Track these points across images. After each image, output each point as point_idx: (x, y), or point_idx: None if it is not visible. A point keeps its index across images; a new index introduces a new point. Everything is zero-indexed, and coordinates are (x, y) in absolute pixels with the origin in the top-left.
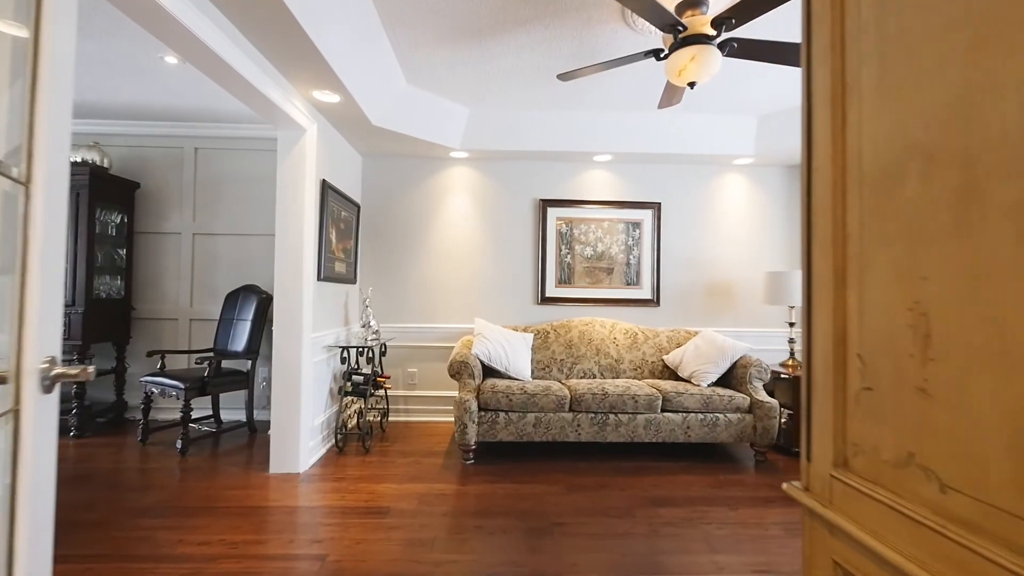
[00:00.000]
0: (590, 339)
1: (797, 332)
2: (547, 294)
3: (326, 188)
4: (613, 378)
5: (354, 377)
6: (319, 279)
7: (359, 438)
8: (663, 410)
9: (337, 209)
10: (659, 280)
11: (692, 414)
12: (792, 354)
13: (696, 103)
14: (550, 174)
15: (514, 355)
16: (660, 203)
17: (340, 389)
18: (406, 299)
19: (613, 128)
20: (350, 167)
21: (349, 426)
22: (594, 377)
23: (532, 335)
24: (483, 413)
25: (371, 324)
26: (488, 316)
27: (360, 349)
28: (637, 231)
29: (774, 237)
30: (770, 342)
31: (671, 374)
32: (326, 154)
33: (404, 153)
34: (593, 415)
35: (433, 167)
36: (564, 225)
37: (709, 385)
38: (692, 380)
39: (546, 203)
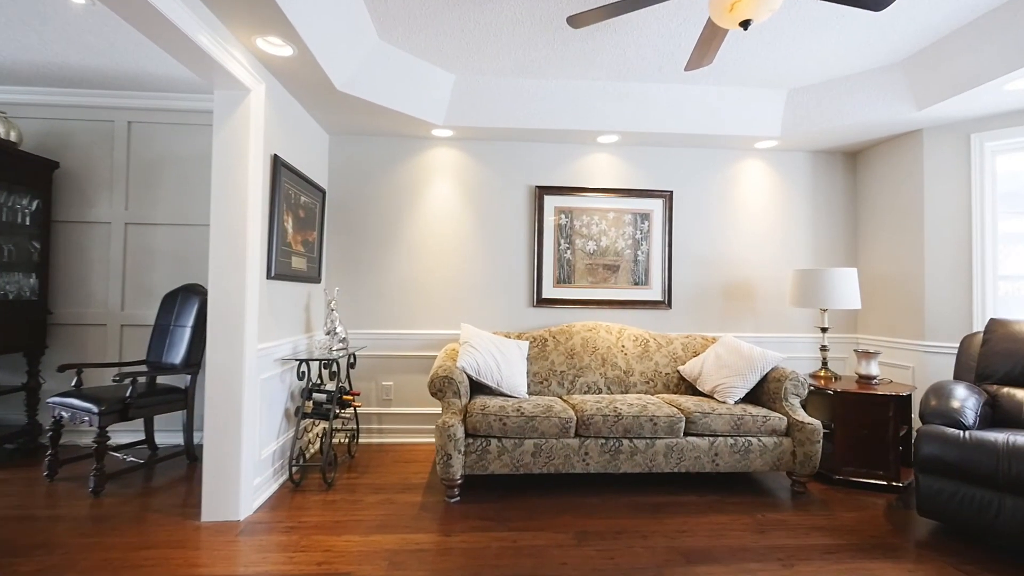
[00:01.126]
0: (595, 347)
1: (831, 338)
2: (544, 295)
3: (279, 165)
4: (622, 393)
5: (315, 395)
6: (270, 277)
7: (321, 469)
8: (686, 434)
9: (295, 193)
10: (671, 279)
11: (720, 438)
12: (825, 364)
13: (720, 72)
14: (548, 157)
15: (507, 367)
16: (672, 192)
17: (298, 410)
18: (381, 301)
19: (622, 102)
20: (313, 145)
21: (309, 454)
22: (600, 392)
23: (528, 343)
24: (471, 440)
25: (337, 331)
26: (476, 321)
27: (324, 362)
28: (646, 223)
29: (799, 232)
30: (796, 349)
31: (688, 387)
32: (280, 125)
33: (378, 130)
34: (604, 441)
35: (412, 148)
36: (563, 216)
37: (736, 402)
38: (715, 396)
39: (543, 191)
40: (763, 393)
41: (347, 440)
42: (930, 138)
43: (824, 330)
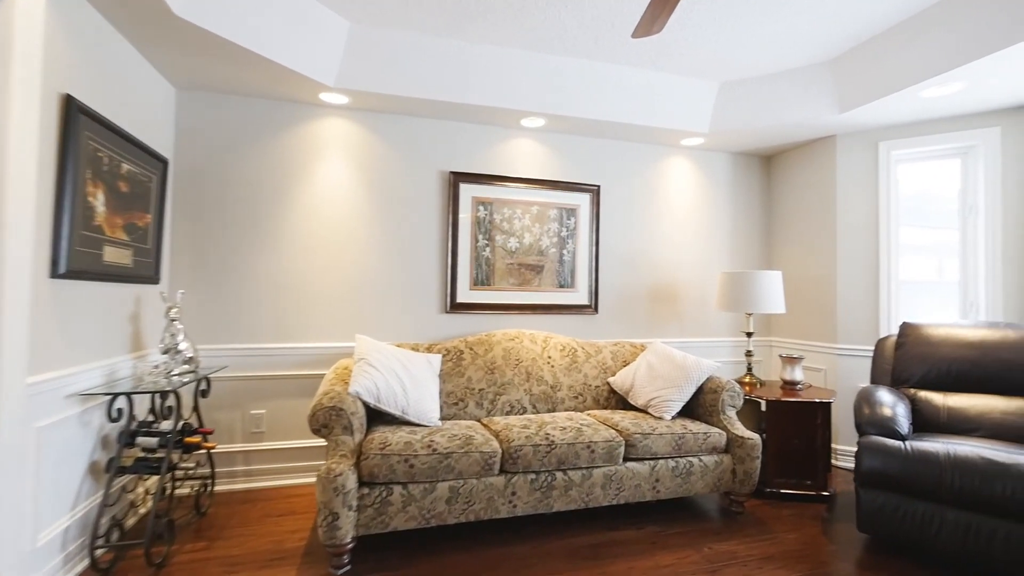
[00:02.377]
0: (518, 359)
1: (756, 343)
2: (459, 299)
3: (76, 112)
4: (549, 411)
5: (140, 440)
6: (57, 275)
7: (144, 544)
8: (626, 459)
9: (111, 158)
10: (598, 282)
11: (662, 461)
12: (750, 369)
13: (655, 54)
14: (465, 139)
15: (415, 389)
16: (599, 187)
17: (111, 464)
18: (250, 308)
19: (552, 81)
20: (149, 99)
21: (131, 523)
22: (525, 411)
23: (440, 357)
24: (367, 490)
25: (180, 348)
26: (377, 331)
27: (158, 393)
28: (572, 220)
29: (720, 234)
30: (718, 354)
31: (619, 401)
32: (83, 57)
33: (247, 88)
34: (534, 476)
35: (296, 116)
36: (482, 208)
37: (674, 417)
38: (650, 410)
39: (459, 178)
40: (698, 405)
41: (197, 492)
42: (843, 144)
43: (749, 335)
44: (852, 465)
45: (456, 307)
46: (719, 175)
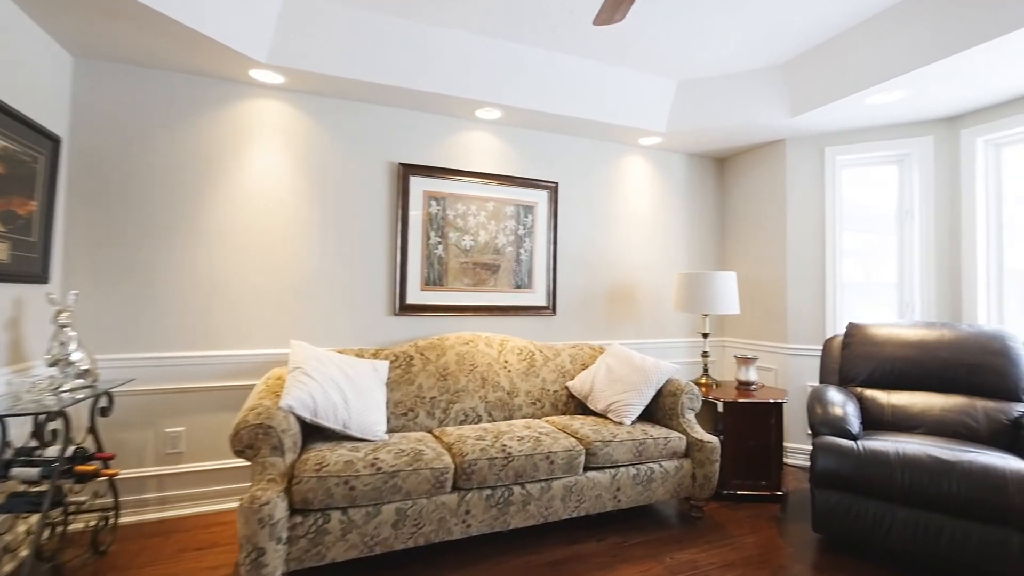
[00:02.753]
0: (473, 364)
1: (710, 343)
2: (409, 300)
3: None
4: (506, 419)
5: (15, 472)
6: None
7: None
8: (587, 468)
9: None
10: (556, 282)
11: (623, 469)
12: (706, 370)
13: (614, 47)
14: (416, 129)
15: (358, 400)
16: (557, 184)
17: None
18: (165, 311)
19: (508, 69)
20: (34, 65)
21: (7, 570)
22: (480, 420)
23: (388, 363)
24: (300, 519)
25: (72, 359)
26: (316, 336)
27: (41, 415)
28: (530, 218)
29: (676, 235)
30: (674, 355)
31: (578, 406)
32: None
33: (160, 59)
34: (490, 492)
35: (221, 94)
36: (434, 203)
37: (634, 422)
38: (609, 415)
39: (409, 170)
40: (658, 409)
41: (95, 527)
42: (792, 149)
43: (705, 335)
44: (802, 463)
45: (406, 309)
46: (676, 176)
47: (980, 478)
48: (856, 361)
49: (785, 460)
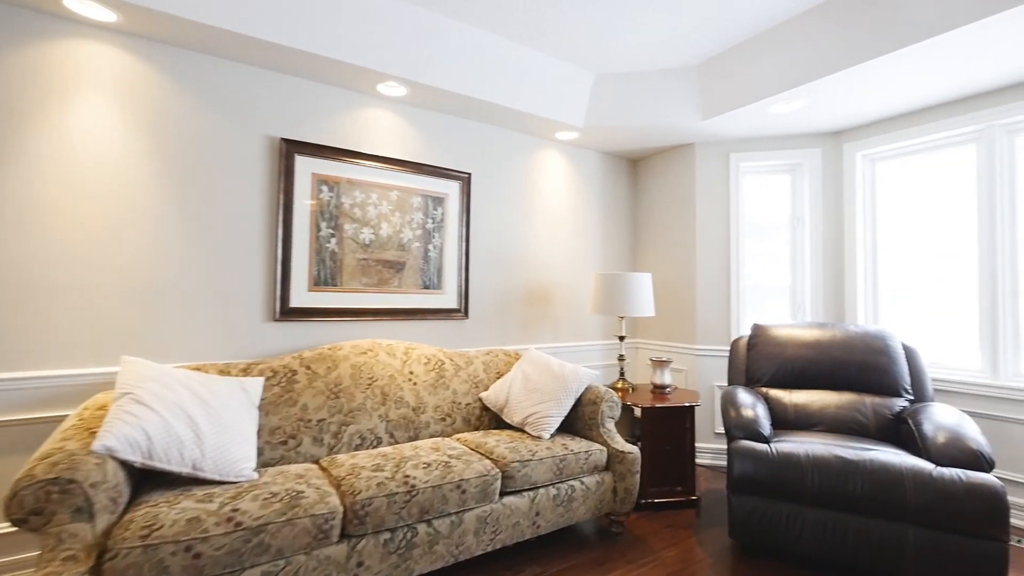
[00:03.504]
0: (372, 377)
1: (626, 345)
2: (293, 303)
3: None
4: (410, 439)
5: None
6: None
7: None
8: (503, 494)
9: None
10: (468, 282)
11: (542, 490)
12: (623, 374)
13: (534, 27)
14: (305, 100)
15: (217, 431)
16: (470, 175)
17: None
18: None
19: (417, 39)
20: None
21: None
22: (379, 443)
23: (262, 380)
24: None
25: None
26: (166, 349)
27: None
28: (440, 210)
29: (591, 235)
30: (589, 358)
31: (493, 419)
32: None
33: None
34: (389, 535)
35: (24, 27)
36: (326, 189)
37: (552, 435)
38: (527, 428)
39: (294, 147)
40: (577, 419)
41: None
42: (701, 153)
43: (622, 338)
44: (710, 463)
45: (289, 313)
46: (591, 174)
47: (880, 476)
48: (761, 362)
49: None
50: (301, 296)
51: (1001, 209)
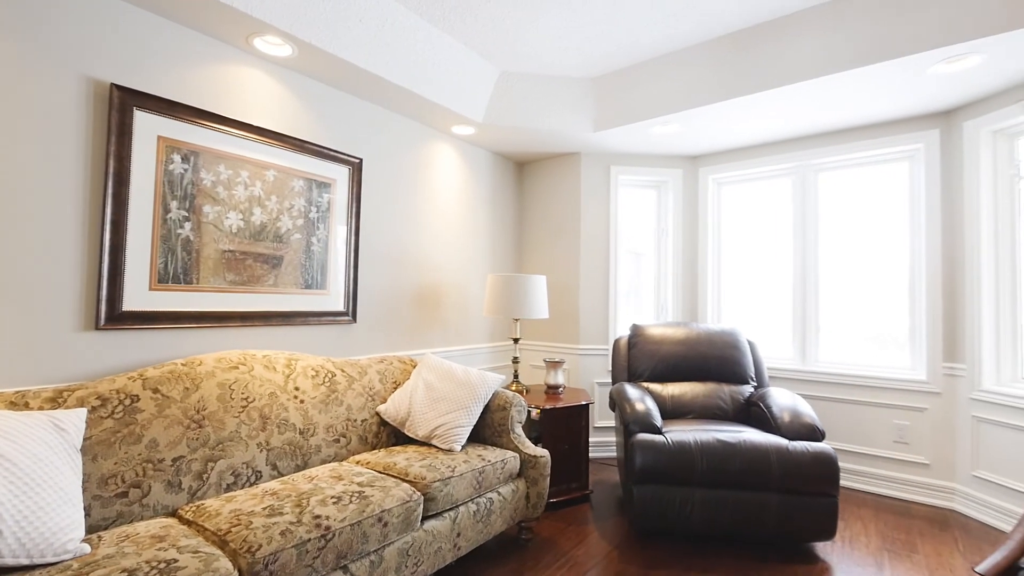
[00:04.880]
0: (247, 396)
1: (498, 346)
2: (127, 305)
3: None
4: (298, 468)
5: None
6: None
7: None
8: (425, 518)
9: None
10: (356, 282)
11: (463, 507)
12: (516, 376)
13: (448, 10)
14: (147, 38)
15: (15, 496)
16: (362, 161)
17: None
18: None
19: None
20: None
21: None
22: (259, 478)
23: (84, 412)
24: None
25: None
26: None
27: None
28: (325, 198)
29: (481, 235)
30: (478, 361)
31: (392, 434)
32: None
33: None
34: None
35: None
36: (179, 159)
37: (464, 447)
38: (434, 442)
39: (130, 98)
40: (485, 426)
41: None
42: (586, 162)
43: (516, 340)
44: (594, 455)
45: (120, 319)
46: (482, 174)
47: (753, 455)
48: (642, 359)
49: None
50: (139, 296)
51: (806, 231)
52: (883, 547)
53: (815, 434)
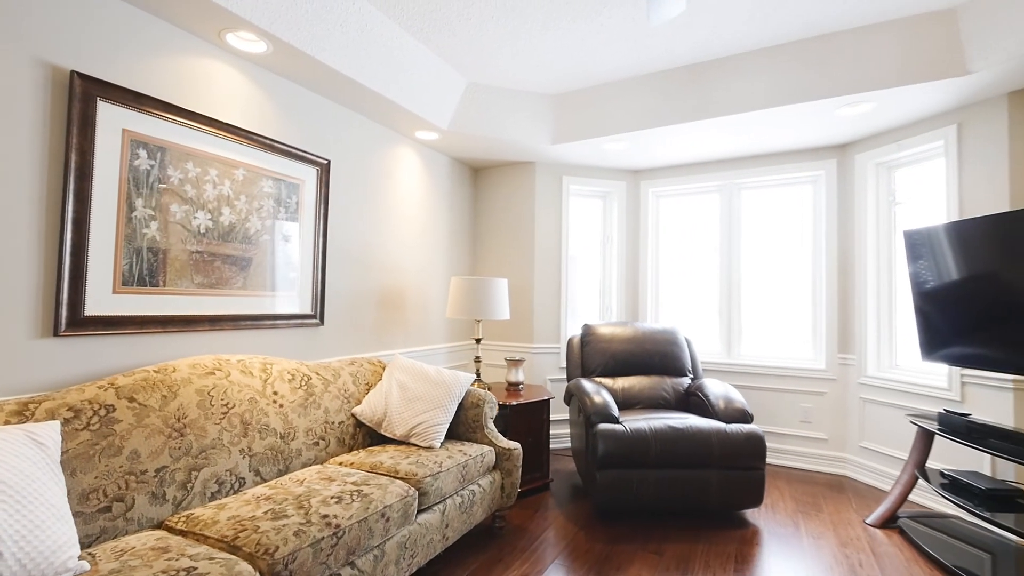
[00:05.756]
0: (227, 403)
1: (464, 347)
2: (90, 310)
3: None
4: (280, 472)
5: None
6: None
7: None
8: (419, 512)
9: None
10: (324, 284)
11: (450, 500)
12: (479, 375)
13: (423, 20)
14: (112, 24)
15: (9, 515)
16: (330, 163)
17: None
18: None
19: None
20: None
21: None
22: (242, 485)
23: (55, 425)
24: None
25: None
26: None
27: None
28: (294, 199)
29: (440, 238)
30: (438, 361)
31: (367, 435)
32: None
33: None
34: None
35: None
36: (145, 153)
37: (443, 443)
38: (413, 440)
39: (94, 87)
40: (459, 423)
41: None
42: (540, 171)
43: (479, 340)
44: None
45: (82, 324)
46: (441, 178)
47: (699, 438)
48: (594, 356)
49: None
50: (103, 300)
51: (731, 241)
52: (797, 510)
53: (746, 417)
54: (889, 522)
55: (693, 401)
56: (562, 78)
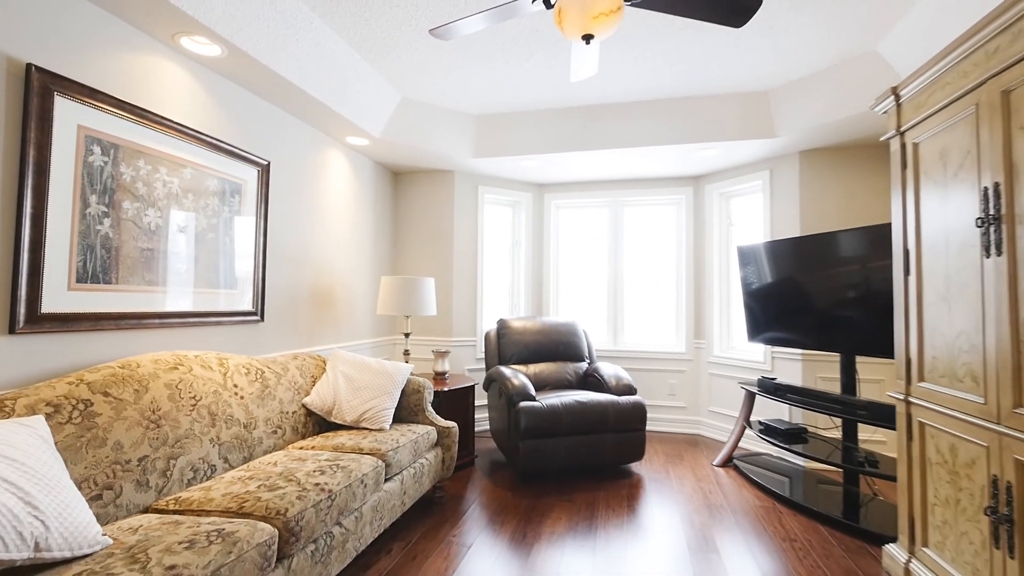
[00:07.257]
0: (195, 396)
1: (396, 341)
2: (46, 307)
3: None
4: (244, 460)
5: None
6: None
7: None
8: (385, 480)
9: None
10: (264, 282)
11: (407, 471)
12: None
13: (364, 37)
14: (69, 18)
15: (46, 493)
16: (269, 164)
17: None
18: None
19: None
20: None
21: None
22: (213, 471)
23: (43, 419)
24: None
25: None
26: None
27: None
28: (237, 198)
29: (365, 238)
30: (364, 354)
31: (317, 424)
32: None
33: None
34: (315, 546)
35: None
36: (99, 151)
37: (392, 425)
38: (364, 424)
39: (52, 82)
40: (402, 408)
41: None
42: (459, 180)
43: (407, 335)
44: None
45: (39, 321)
46: (366, 181)
47: (599, 409)
48: (510, 346)
49: None
50: (59, 297)
51: (617, 249)
52: (667, 461)
53: (632, 391)
54: (728, 462)
55: (591, 381)
56: (488, 103)
